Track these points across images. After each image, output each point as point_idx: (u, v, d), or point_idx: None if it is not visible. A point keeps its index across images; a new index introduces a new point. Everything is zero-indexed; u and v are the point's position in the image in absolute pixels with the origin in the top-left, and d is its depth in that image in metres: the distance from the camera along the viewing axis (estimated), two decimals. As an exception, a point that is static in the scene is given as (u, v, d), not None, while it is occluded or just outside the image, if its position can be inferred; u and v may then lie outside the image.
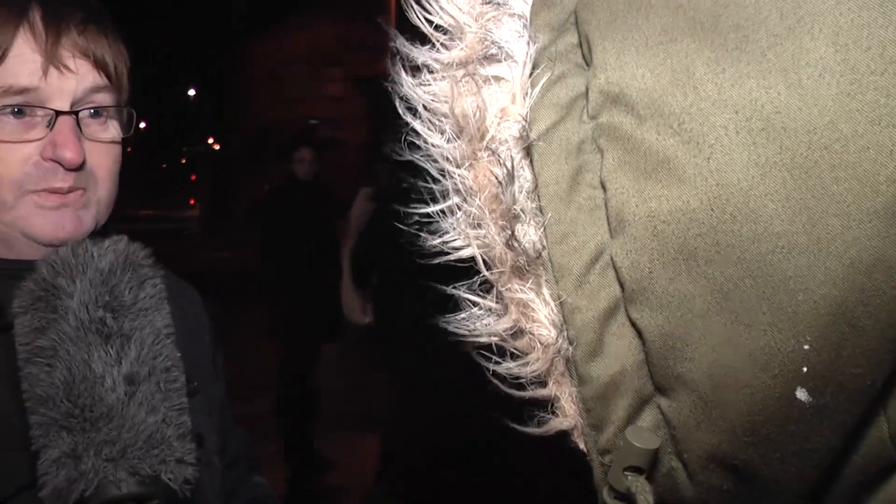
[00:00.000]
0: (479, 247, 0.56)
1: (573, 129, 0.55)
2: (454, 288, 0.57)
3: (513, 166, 0.55)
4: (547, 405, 0.57)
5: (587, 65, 0.56)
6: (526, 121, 0.56)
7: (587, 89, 0.55)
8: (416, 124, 0.59)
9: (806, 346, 0.46)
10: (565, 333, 0.54)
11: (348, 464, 6.11)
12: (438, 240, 0.59)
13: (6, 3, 1.20)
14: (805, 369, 0.47)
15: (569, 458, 0.58)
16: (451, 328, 0.58)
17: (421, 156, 0.60)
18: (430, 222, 0.60)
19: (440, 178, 0.59)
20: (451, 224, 0.58)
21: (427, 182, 0.60)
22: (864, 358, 0.46)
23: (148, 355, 1.30)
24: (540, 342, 0.55)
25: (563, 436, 0.57)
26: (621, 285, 0.52)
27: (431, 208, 0.59)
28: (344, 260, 4.96)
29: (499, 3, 0.61)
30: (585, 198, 0.54)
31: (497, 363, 0.56)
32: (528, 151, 0.56)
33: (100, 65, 1.28)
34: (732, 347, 0.48)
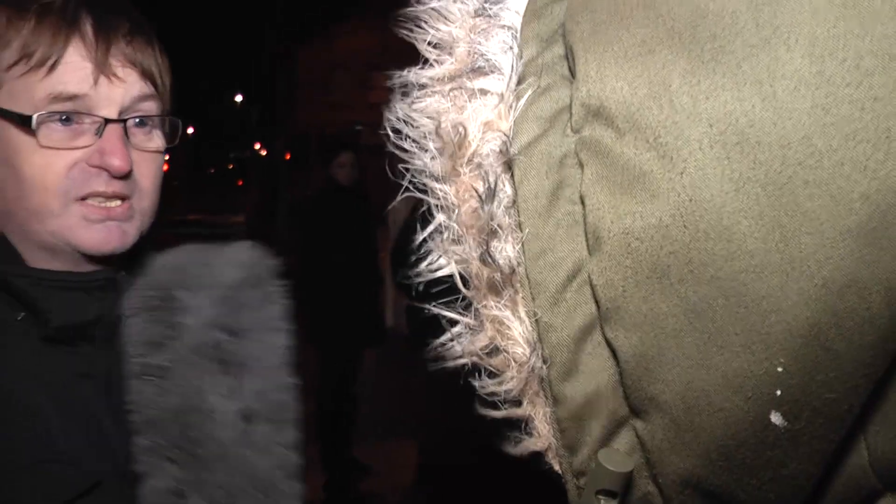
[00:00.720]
0: (457, 263, 0.56)
1: (556, 142, 0.55)
2: (435, 306, 0.57)
3: (494, 181, 0.55)
4: (521, 425, 0.56)
5: (573, 77, 0.56)
6: (507, 134, 0.55)
7: (571, 102, 0.55)
8: (405, 144, 0.59)
9: (779, 369, 0.45)
10: (539, 352, 0.53)
11: (385, 470, 6.12)
12: (426, 262, 0.58)
13: (58, 13, 1.22)
14: (779, 392, 0.46)
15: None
16: (433, 349, 0.57)
17: (409, 177, 0.60)
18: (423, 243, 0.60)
19: (425, 196, 0.58)
20: (436, 243, 0.57)
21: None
22: (838, 382, 0.45)
23: (265, 387, 1.32)
24: (514, 360, 0.54)
25: (538, 457, 0.56)
26: (597, 304, 0.51)
27: (421, 233, 0.59)
28: (386, 266, 4.94)
29: (490, 15, 0.60)
30: (564, 213, 0.53)
31: (475, 380, 0.55)
32: (509, 166, 0.56)
33: (146, 74, 1.29)
34: (705, 369, 0.47)
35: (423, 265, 0.57)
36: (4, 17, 1.22)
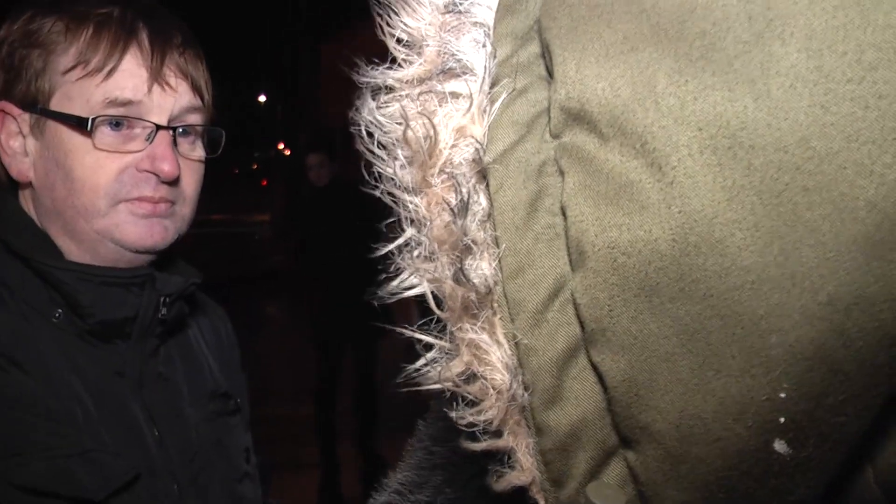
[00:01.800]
0: (429, 282, 0.51)
1: (534, 149, 0.50)
2: (406, 329, 0.53)
3: (467, 192, 0.50)
4: (503, 458, 0.51)
5: (551, 77, 0.51)
6: (481, 141, 0.51)
7: (550, 105, 0.50)
8: (373, 151, 0.55)
9: (782, 395, 0.41)
10: (520, 378, 0.49)
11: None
12: (396, 280, 0.54)
13: (117, 22, 1.28)
14: (783, 419, 0.41)
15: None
16: (407, 375, 0.53)
17: (380, 186, 0.55)
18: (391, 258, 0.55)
19: (395, 207, 0.54)
20: (406, 259, 0.53)
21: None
22: (849, 405, 0.40)
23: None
24: (493, 388, 0.49)
25: (522, 492, 0.52)
26: (582, 325, 0.47)
27: (389, 246, 0.54)
28: None
29: (460, 11, 0.56)
30: (544, 226, 0.49)
31: (452, 410, 0.51)
32: (483, 175, 0.51)
33: (195, 86, 1.36)
34: (701, 395, 0.43)
35: (394, 283, 0.53)
36: (63, 24, 1.28)
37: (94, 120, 1.25)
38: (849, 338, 0.39)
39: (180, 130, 1.34)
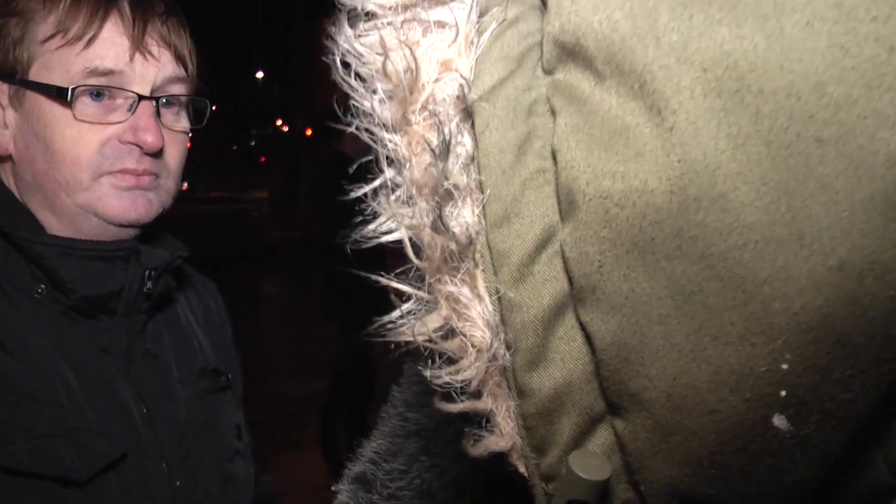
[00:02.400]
0: (408, 228, 0.47)
1: (524, 86, 0.46)
2: (381, 276, 0.48)
3: (450, 132, 0.46)
4: (481, 421, 0.47)
5: (545, 7, 0.46)
6: (467, 76, 0.46)
7: (543, 38, 0.46)
8: (349, 84, 0.50)
9: (784, 366, 0.37)
10: (502, 336, 0.44)
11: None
12: (372, 224, 0.49)
13: None
14: (783, 393, 0.37)
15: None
16: (379, 327, 0.48)
17: (357, 123, 0.50)
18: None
19: (374, 145, 0.49)
20: (383, 202, 0.48)
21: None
22: (856, 381, 0.36)
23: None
24: (472, 345, 0.45)
25: (501, 458, 0.47)
26: (570, 280, 0.42)
27: (365, 187, 0.50)
28: None
29: None
30: (533, 171, 0.44)
31: (426, 369, 0.46)
32: (468, 114, 0.47)
33: (178, 56, 1.32)
34: (696, 363, 0.38)
35: (370, 227, 0.48)
36: None
37: (74, 90, 1.21)
38: (860, 307, 0.35)
39: (164, 101, 1.30)
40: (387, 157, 0.48)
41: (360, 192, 0.49)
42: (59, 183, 1.23)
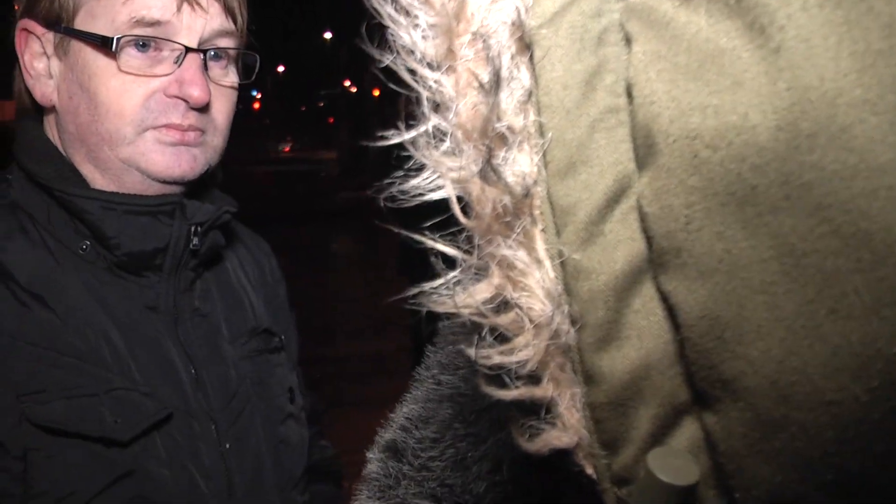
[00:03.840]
0: (453, 182, 0.40)
1: (592, 10, 0.38)
2: (426, 237, 0.41)
3: (503, 65, 0.38)
4: (541, 411, 0.40)
5: None
6: (524, 0, 0.39)
7: None
8: (389, 15, 0.43)
9: None
10: (566, 309, 0.37)
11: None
12: (416, 179, 0.42)
13: None
14: None
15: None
16: (420, 297, 0.42)
17: (397, 60, 0.43)
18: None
19: (416, 86, 0.42)
20: (426, 153, 0.41)
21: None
22: None
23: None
24: (530, 320, 0.38)
25: (564, 456, 0.40)
26: (649, 241, 0.35)
27: (406, 135, 0.42)
28: None
29: None
30: (603, 110, 0.37)
31: (472, 348, 0.39)
32: (526, 44, 0.39)
33: (227, 8, 1.27)
34: (809, 342, 0.31)
35: (412, 183, 0.41)
36: None
37: (119, 40, 1.17)
38: None
39: (211, 54, 1.25)
40: (430, 102, 0.41)
41: (399, 139, 0.42)
42: (102, 136, 1.20)
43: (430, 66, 0.41)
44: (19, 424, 1.09)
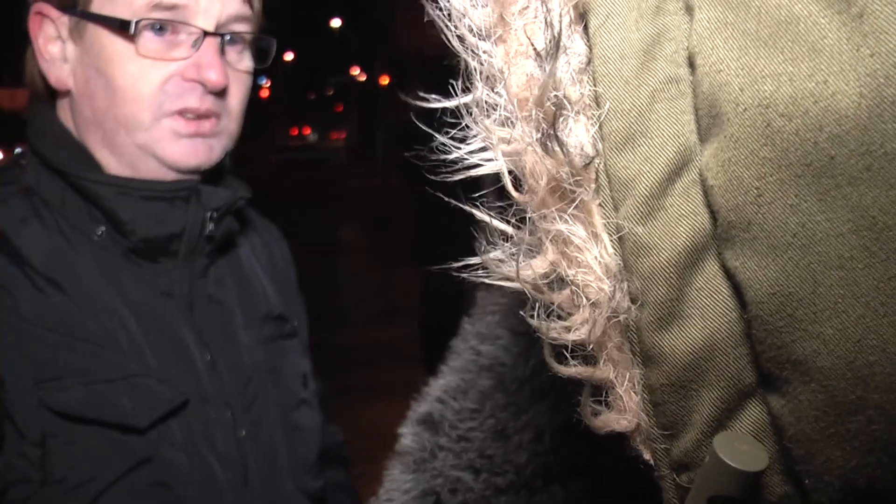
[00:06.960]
0: (505, 154, 0.38)
1: None
2: (475, 208, 0.40)
3: (559, 33, 0.37)
4: (600, 392, 0.38)
5: None
6: None
7: None
8: None
9: None
10: (625, 286, 0.35)
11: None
12: (462, 151, 0.41)
13: None
14: None
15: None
16: (469, 269, 0.40)
17: (447, 26, 0.41)
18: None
19: (464, 56, 0.40)
20: (476, 123, 0.40)
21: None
22: None
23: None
24: (587, 297, 0.36)
25: (622, 439, 0.39)
26: (713, 215, 0.33)
27: (452, 102, 0.41)
28: None
29: None
30: (664, 79, 0.35)
31: (534, 318, 0.38)
32: (582, 12, 0.38)
33: None
34: (888, 320, 0.29)
35: (460, 153, 0.40)
36: None
37: (137, 23, 1.16)
38: None
39: (228, 38, 1.25)
40: (480, 73, 0.39)
41: (446, 104, 0.40)
42: (119, 121, 1.19)
43: (479, 35, 0.40)
44: (38, 411, 1.09)
